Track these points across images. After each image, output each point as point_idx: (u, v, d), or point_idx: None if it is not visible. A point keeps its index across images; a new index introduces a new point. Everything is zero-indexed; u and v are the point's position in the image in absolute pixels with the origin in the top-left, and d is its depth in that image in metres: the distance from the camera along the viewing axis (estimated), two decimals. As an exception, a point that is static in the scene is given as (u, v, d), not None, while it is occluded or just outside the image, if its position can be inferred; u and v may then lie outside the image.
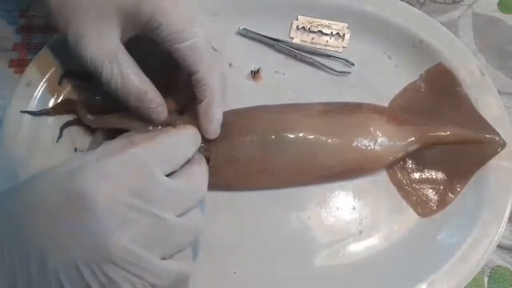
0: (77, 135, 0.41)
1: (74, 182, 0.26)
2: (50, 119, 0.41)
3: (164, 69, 0.38)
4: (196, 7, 0.37)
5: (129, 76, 0.33)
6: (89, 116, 0.39)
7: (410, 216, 0.40)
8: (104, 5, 0.33)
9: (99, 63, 0.33)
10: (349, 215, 0.40)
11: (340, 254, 0.39)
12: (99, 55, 0.33)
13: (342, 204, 0.41)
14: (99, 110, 0.40)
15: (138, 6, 0.33)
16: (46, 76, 0.41)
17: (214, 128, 0.36)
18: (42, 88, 0.41)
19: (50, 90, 0.42)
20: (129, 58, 0.34)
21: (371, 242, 0.39)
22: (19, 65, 0.46)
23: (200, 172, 0.33)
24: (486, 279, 0.40)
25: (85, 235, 0.25)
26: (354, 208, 0.40)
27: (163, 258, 0.28)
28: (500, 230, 0.38)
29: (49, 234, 0.26)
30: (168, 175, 0.30)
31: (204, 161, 0.35)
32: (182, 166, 0.32)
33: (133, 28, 0.34)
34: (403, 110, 0.42)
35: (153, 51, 0.38)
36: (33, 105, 0.41)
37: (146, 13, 0.33)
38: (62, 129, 0.41)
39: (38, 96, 0.41)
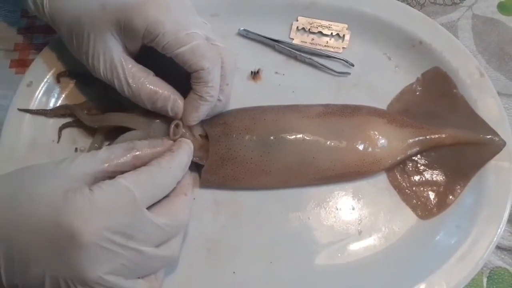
0: (77, 135, 0.41)
1: (65, 213, 0.28)
2: (51, 120, 0.41)
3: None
4: (192, 10, 0.37)
5: (137, 83, 0.35)
6: (88, 117, 0.40)
7: (410, 217, 0.40)
8: (100, 24, 0.34)
9: (109, 77, 0.35)
10: (348, 215, 0.40)
11: (339, 254, 0.39)
12: (107, 70, 0.35)
13: (342, 205, 0.41)
14: (98, 109, 0.40)
15: (131, 22, 0.33)
16: (47, 77, 0.42)
17: (193, 119, 0.37)
18: (43, 89, 0.41)
19: (51, 91, 0.42)
20: (136, 68, 0.36)
21: (371, 242, 0.40)
22: (20, 66, 0.46)
23: (183, 205, 0.33)
24: (485, 279, 0.40)
25: (68, 261, 0.28)
26: (353, 208, 0.41)
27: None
28: (499, 231, 0.38)
29: (35, 248, 0.28)
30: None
31: (191, 181, 0.36)
32: (167, 195, 0.33)
33: (134, 41, 0.35)
34: (401, 113, 0.42)
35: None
36: (34, 106, 0.41)
37: (141, 27, 0.33)
38: (60, 130, 0.41)
39: (39, 97, 0.41)
